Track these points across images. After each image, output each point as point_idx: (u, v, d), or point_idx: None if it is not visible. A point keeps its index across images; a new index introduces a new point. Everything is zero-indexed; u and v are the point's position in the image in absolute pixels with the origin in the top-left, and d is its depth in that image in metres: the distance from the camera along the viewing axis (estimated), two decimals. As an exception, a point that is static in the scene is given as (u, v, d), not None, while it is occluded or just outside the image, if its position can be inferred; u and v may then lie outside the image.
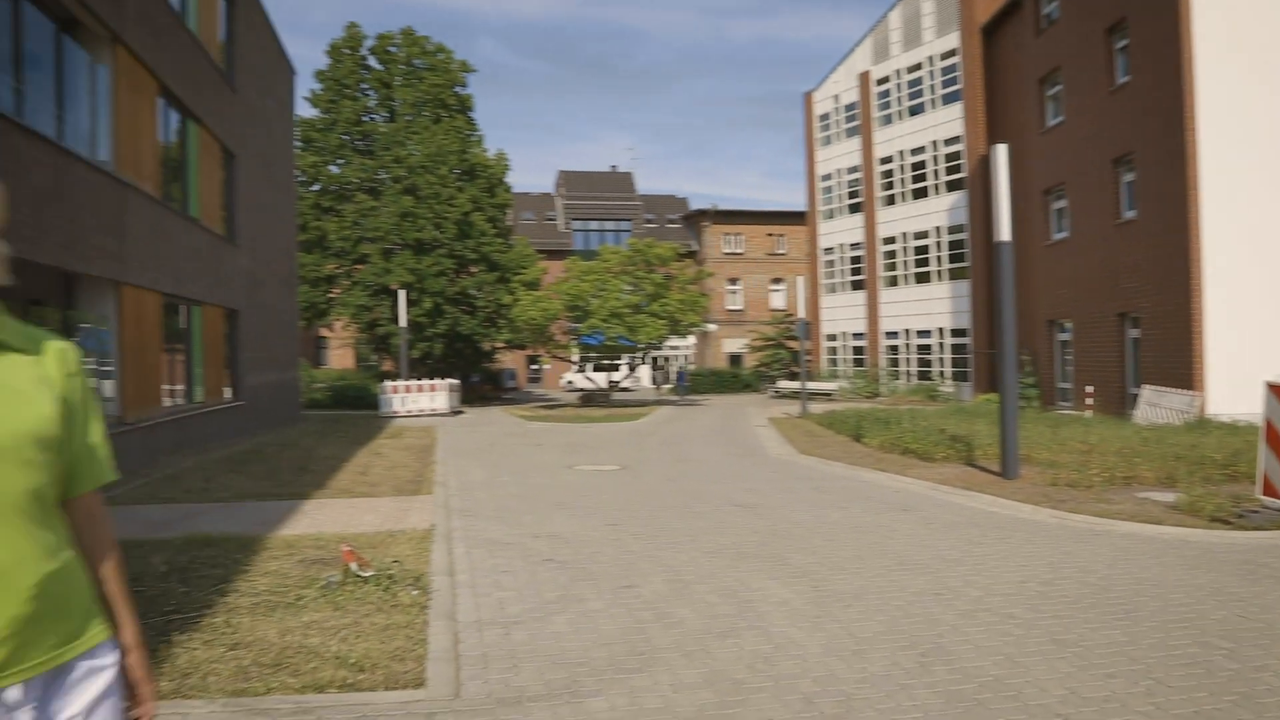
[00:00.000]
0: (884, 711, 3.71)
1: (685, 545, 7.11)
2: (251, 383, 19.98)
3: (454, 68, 35.83)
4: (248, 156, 19.78)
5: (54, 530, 1.55)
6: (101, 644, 1.60)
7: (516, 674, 4.21)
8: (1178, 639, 4.58)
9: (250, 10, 20.22)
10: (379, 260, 33.15)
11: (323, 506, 9.02)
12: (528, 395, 42.91)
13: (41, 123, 10.49)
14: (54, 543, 1.53)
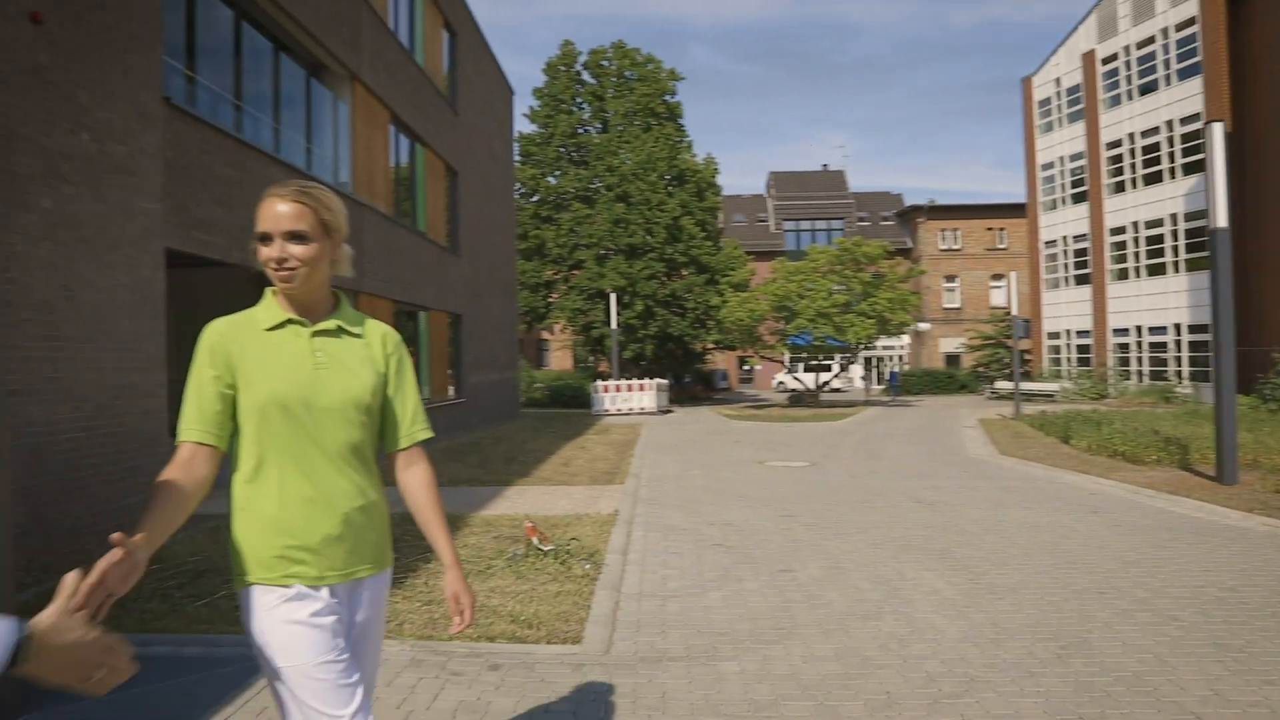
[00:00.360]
0: (1004, 695, 3.81)
1: (852, 536, 7.27)
2: (473, 381, 21.67)
3: (663, 77, 36.92)
4: (469, 173, 21.51)
5: (366, 476, 2.03)
6: (386, 571, 2.10)
7: (663, 638, 4.64)
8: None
9: (471, 40, 21.97)
10: (593, 265, 34.76)
11: (524, 492, 9.89)
12: (739, 396, 43.38)
13: (294, 155, 12.12)
14: (365, 486, 2.02)
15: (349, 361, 2.01)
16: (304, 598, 1.91)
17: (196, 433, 1.90)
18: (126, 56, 7.84)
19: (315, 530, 1.93)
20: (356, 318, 2.09)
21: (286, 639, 1.88)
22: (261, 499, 1.93)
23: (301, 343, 1.98)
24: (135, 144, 7.98)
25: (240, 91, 11.04)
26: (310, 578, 1.93)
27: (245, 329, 2.00)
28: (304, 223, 1.95)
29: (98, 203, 7.43)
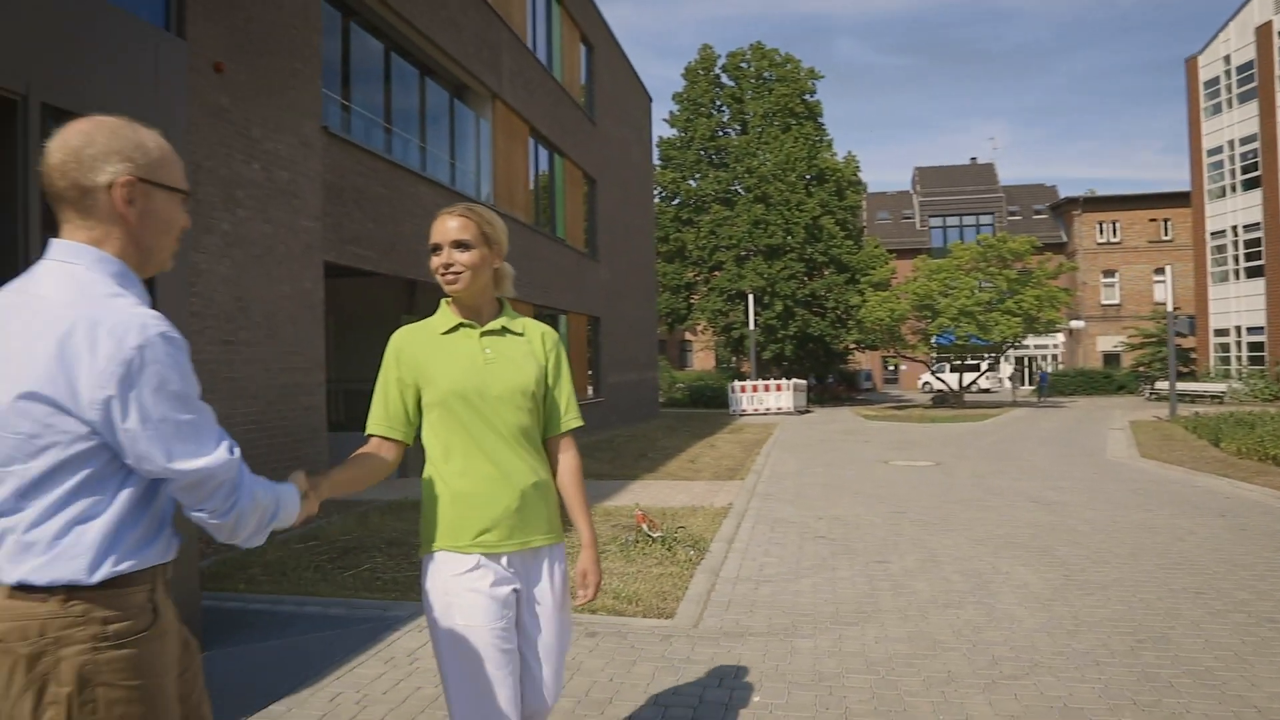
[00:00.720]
0: (1063, 679, 3.99)
1: (957, 533, 7.39)
2: (611, 381, 22.42)
3: (802, 76, 36.81)
4: (607, 180, 22.29)
5: (536, 457, 2.30)
6: (556, 544, 2.35)
7: (749, 617, 5.02)
8: None
9: (608, 52, 22.75)
10: (733, 267, 35.08)
11: (648, 486, 10.40)
12: (883, 396, 42.67)
13: (439, 172, 13.10)
14: (535, 465, 2.28)
15: (514, 356, 2.30)
16: (482, 567, 2.19)
17: (382, 427, 2.26)
18: (291, 93, 8.84)
19: (497, 503, 2.21)
20: (518, 320, 2.39)
21: (462, 602, 2.16)
22: (451, 478, 2.23)
23: (472, 343, 2.29)
24: (298, 170, 8.98)
25: (390, 115, 12.06)
26: (490, 545, 2.20)
27: (424, 335, 2.32)
28: (468, 233, 2.26)
29: (266, 223, 8.43)
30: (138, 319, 1.44)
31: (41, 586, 1.42)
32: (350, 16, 11.10)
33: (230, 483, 1.52)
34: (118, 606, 1.47)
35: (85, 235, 1.53)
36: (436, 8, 12.53)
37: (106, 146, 1.52)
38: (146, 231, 1.58)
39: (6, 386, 1.44)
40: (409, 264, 11.73)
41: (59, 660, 1.42)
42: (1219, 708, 3.64)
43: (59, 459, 1.43)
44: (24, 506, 1.44)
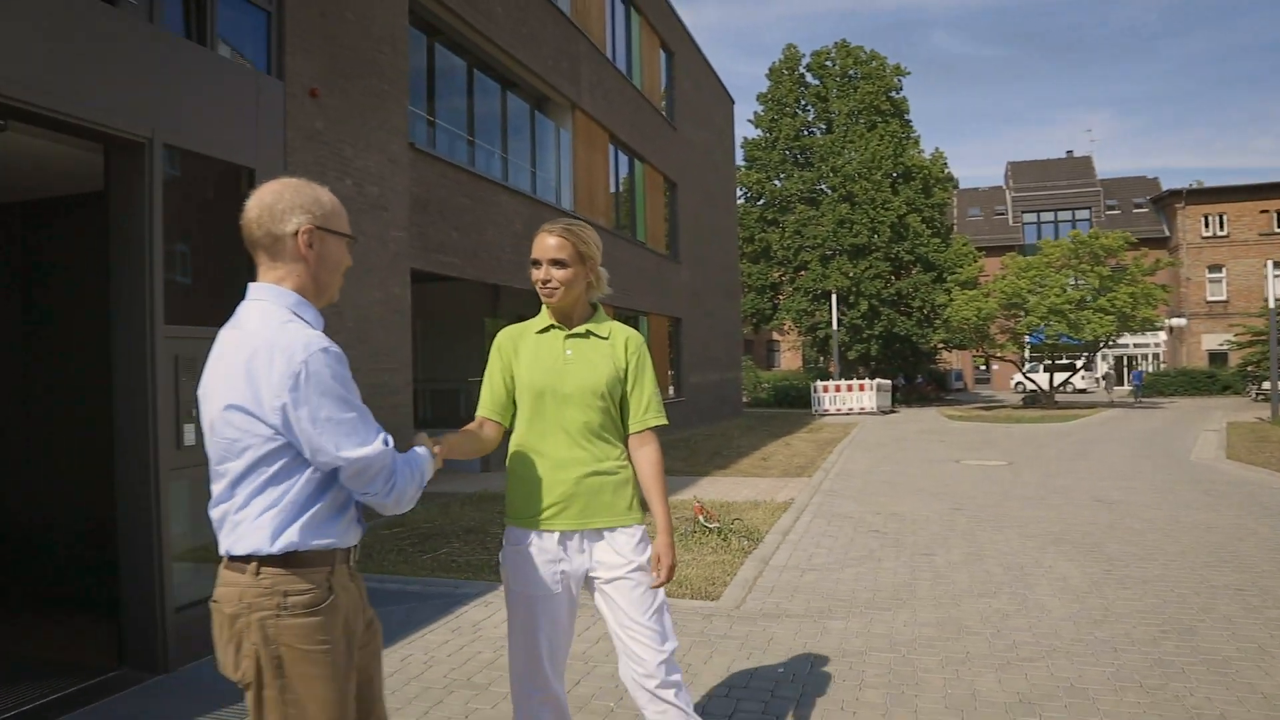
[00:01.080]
0: (1077, 662, 4.22)
1: (1009, 529, 7.56)
2: (693, 381, 22.81)
3: (888, 73, 36.49)
4: (689, 184, 22.67)
5: (600, 450, 2.51)
6: (625, 527, 2.52)
7: (790, 601, 5.37)
8: None
9: (688, 58, 23.13)
10: (817, 266, 35.03)
11: (716, 482, 10.78)
12: (973, 396, 41.89)
13: (520, 181, 13.72)
14: (597, 457, 2.50)
15: (592, 358, 2.53)
16: (537, 543, 2.49)
17: (486, 410, 2.59)
18: (380, 113, 9.52)
19: (554, 488, 2.49)
20: (605, 324, 2.61)
21: (520, 571, 2.50)
22: (523, 463, 2.53)
23: (557, 343, 2.55)
24: (387, 185, 9.66)
25: (472, 127, 12.73)
26: (546, 524, 2.49)
27: (522, 333, 2.61)
28: (564, 252, 2.51)
29: (358, 235, 9.12)
30: (303, 339, 1.78)
31: (240, 557, 1.79)
32: (435, 36, 11.79)
33: (388, 468, 1.86)
34: (299, 579, 1.80)
35: (273, 275, 1.91)
36: (517, 24, 13.15)
37: (292, 202, 1.90)
38: (321, 270, 1.94)
39: (217, 399, 1.83)
40: (491, 269, 12.37)
41: (250, 623, 1.78)
42: (1224, 693, 3.83)
43: (255, 456, 1.80)
44: (233, 495, 1.82)
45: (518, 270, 13.00)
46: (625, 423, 2.59)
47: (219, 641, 1.84)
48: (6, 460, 5.36)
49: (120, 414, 4.16)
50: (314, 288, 1.94)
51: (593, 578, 2.54)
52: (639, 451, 2.59)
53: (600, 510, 2.51)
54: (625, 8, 18.83)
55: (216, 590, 1.85)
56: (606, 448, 2.54)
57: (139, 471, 4.12)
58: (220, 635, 1.83)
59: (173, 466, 4.15)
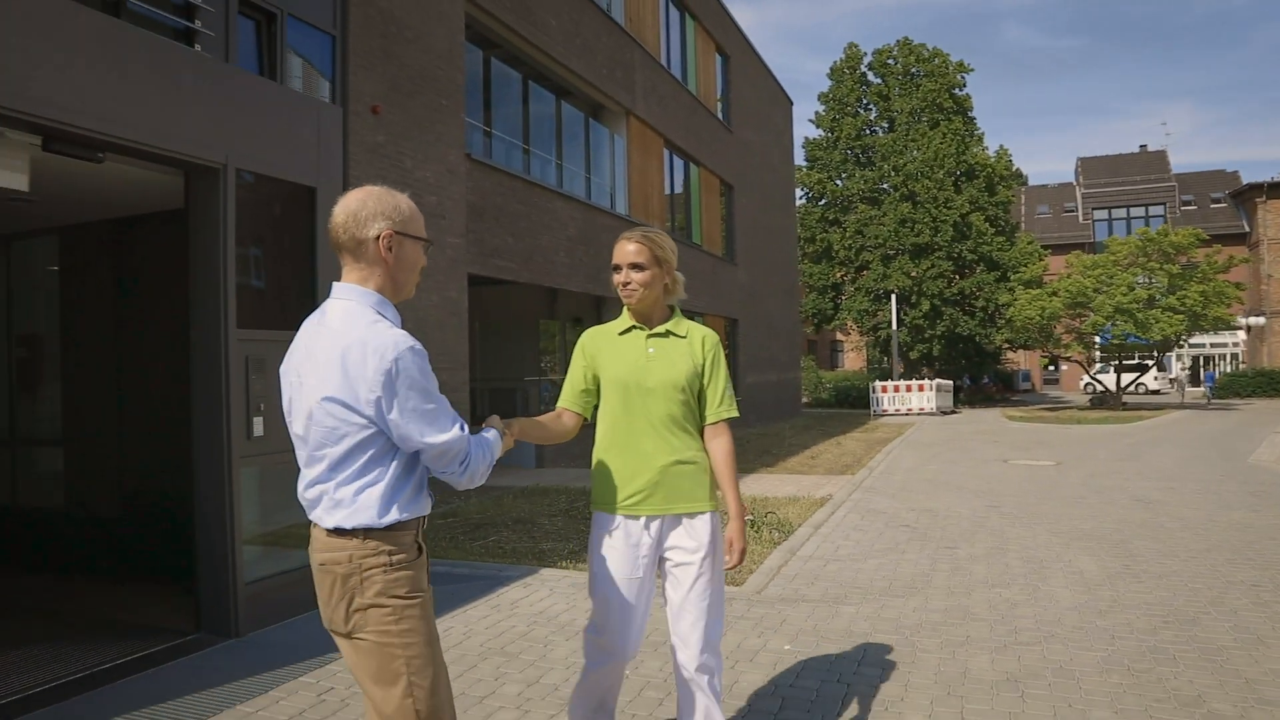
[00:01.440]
0: (1071, 647, 4.46)
1: (1039, 525, 7.72)
2: (750, 381, 23.03)
3: (950, 70, 36.17)
4: (745, 185, 22.93)
5: (681, 440, 2.71)
6: (702, 513, 2.71)
7: (809, 588, 5.69)
8: None
9: (744, 61, 23.38)
10: (879, 266, 34.91)
11: (761, 479, 11.08)
12: (1041, 397, 41.20)
13: (575, 187, 14.19)
14: (678, 448, 2.69)
15: (673, 356, 2.74)
16: (621, 526, 2.69)
17: (566, 402, 2.82)
18: (438, 126, 10.07)
19: (638, 476, 2.69)
20: (683, 324, 2.82)
21: (604, 553, 2.70)
22: (608, 451, 2.74)
23: (639, 342, 2.77)
24: (445, 194, 10.20)
25: (528, 136, 13.24)
26: (630, 509, 2.69)
27: (605, 334, 2.84)
28: (642, 257, 2.72)
29: (417, 242, 9.67)
30: (392, 339, 2.00)
31: (350, 529, 2.03)
32: (490, 50, 12.32)
33: (463, 451, 2.10)
34: (397, 544, 2.06)
35: (356, 276, 2.12)
36: (570, 36, 13.62)
37: (374, 209, 2.10)
38: (399, 271, 2.14)
39: (314, 393, 2.05)
40: (546, 273, 12.86)
41: (363, 579, 2.03)
42: (1208, 677, 4.03)
43: (352, 443, 2.03)
44: (333, 477, 2.05)
45: (572, 273, 13.47)
46: (701, 415, 2.79)
47: (329, 601, 2.09)
48: (101, 449, 5.97)
49: (197, 408, 4.69)
50: (392, 287, 2.15)
51: (665, 559, 2.73)
52: (713, 442, 2.78)
53: (680, 497, 2.70)
54: (680, 14, 19.20)
55: (321, 556, 2.09)
56: (687, 439, 2.74)
57: (214, 459, 4.65)
58: (331, 595, 2.08)
59: (243, 455, 4.66)
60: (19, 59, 3.65)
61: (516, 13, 12.14)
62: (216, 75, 4.78)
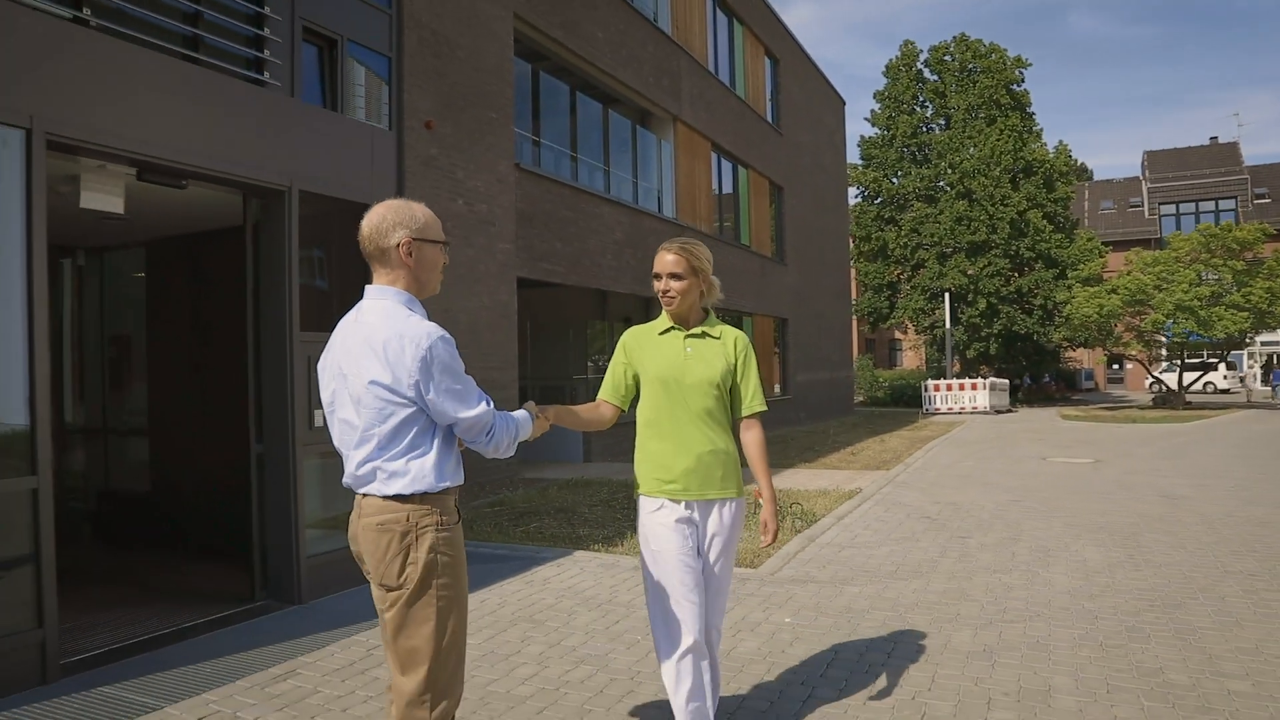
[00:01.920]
0: (1052, 625, 4.81)
1: (1057, 518, 8.00)
2: (800, 380, 23.33)
3: (1008, 66, 35.84)
4: (795, 186, 23.21)
5: (717, 431, 3.00)
6: (730, 499, 3.03)
7: (820, 571, 6.11)
8: None
9: (794, 63, 23.66)
10: (934, 265, 34.80)
11: (798, 473, 11.47)
12: (1104, 396, 40.53)
13: (622, 192, 14.72)
14: (713, 438, 2.98)
15: (708, 355, 3.05)
16: (666, 507, 2.98)
17: (606, 394, 3.15)
18: (488, 139, 10.67)
19: (678, 463, 2.98)
20: (717, 326, 3.12)
21: (653, 533, 2.99)
22: (650, 441, 3.04)
23: (678, 342, 3.07)
24: (495, 203, 10.81)
25: (575, 144, 13.80)
26: (673, 493, 2.98)
27: (646, 334, 3.13)
28: (680, 267, 3.00)
29: (468, 248, 10.29)
30: (425, 330, 2.34)
31: (409, 495, 2.37)
32: (539, 63, 12.91)
33: (489, 424, 2.46)
34: (444, 508, 2.42)
35: (385, 279, 2.45)
36: (616, 46, 14.15)
37: (394, 220, 2.43)
38: (421, 271, 2.47)
39: (359, 379, 2.36)
40: (593, 276, 13.40)
41: (418, 536, 2.37)
42: (1174, 654, 4.33)
43: (398, 421, 2.36)
44: (384, 454, 2.38)
45: (619, 275, 14.00)
46: (735, 409, 3.10)
47: (384, 559, 2.38)
48: (179, 438, 6.67)
49: (266, 402, 5.32)
50: (417, 286, 2.48)
51: (700, 540, 3.04)
52: (747, 434, 3.12)
53: (714, 484, 3.01)
54: (728, 20, 19.59)
55: (381, 519, 2.38)
56: (721, 429, 3.03)
57: (280, 448, 5.27)
58: (387, 552, 2.38)
59: (305, 443, 5.28)
60: (120, 106, 4.29)
61: (564, 28, 12.70)
62: (281, 109, 5.41)
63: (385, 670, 4.15)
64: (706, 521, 3.04)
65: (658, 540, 2.97)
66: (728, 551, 3.08)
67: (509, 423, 2.58)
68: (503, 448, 2.54)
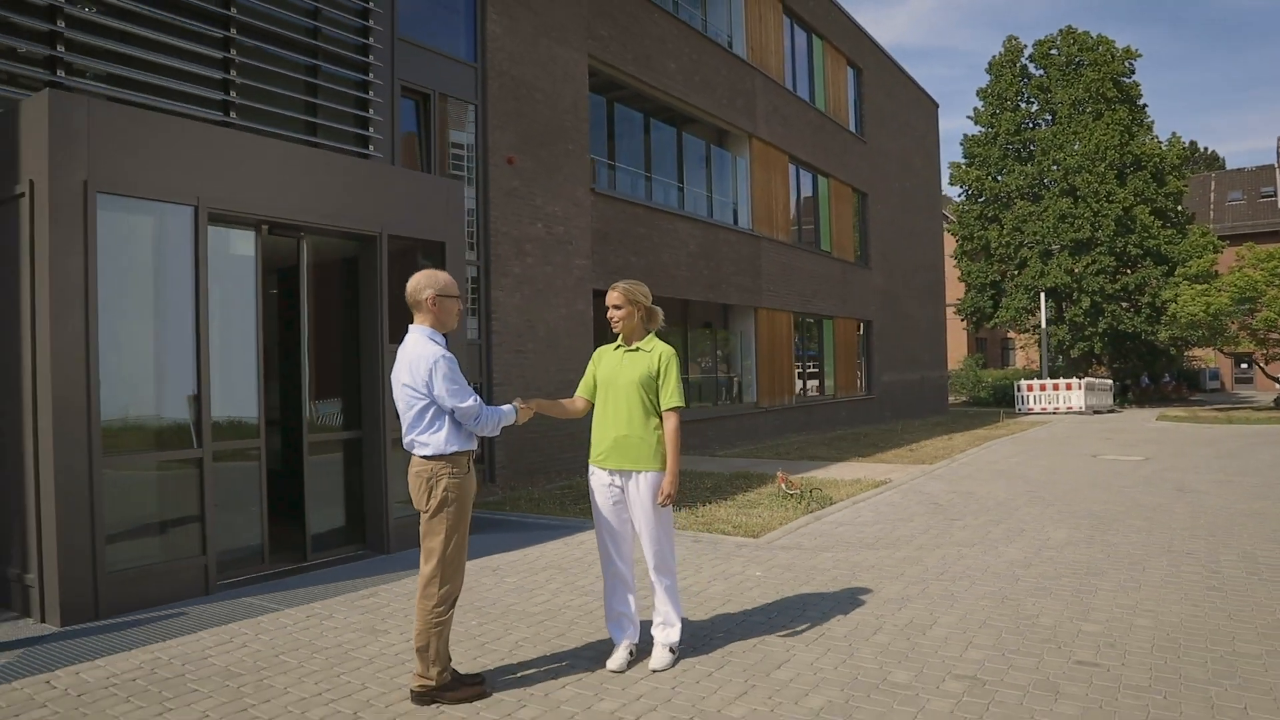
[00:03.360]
0: (973, 583, 5.87)
1: (1054, 507, 8.86)
2: (885, 380, 24.05)
3: (1116, 58, 35.24)
4: (881, 191, 23.94)
5: (640, 419, 4.19)
6: (649, 471, 4.19)
7: (808, 541, 7.30)
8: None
9: (880, 71, 24.36)
10: (1037, 263, 34.59)
11: (845, 466, 12.53)
12: (1229, 396, 39.28)
13: (697, 208, 16.03)
14: (636, 424, 4.17)
15: (637, 363, 4.28)
16: (598, 474, 4.30)
17: (581, 391, 4.45)
18: (565, 168, 12.18)
19: (606, 441, 4.27)
20: (650, 343, 4.33)
21: (593, 492, 4.32)
22: (596, 426, 4.33)
23: (620, 355, 4.36)
24: (572, 225, 12.31)
25: (649, 165, 15.18)
26: (602, 463, 4.28)
27: (605, 350, 4.45)
28: (619, 300, 4.31)
29: (547, 266, 11.82)
30: (435, 351, 3.74)
31: (431, 456, 3.79)
32: (613, 94, 14.35)
33: (476, 413, 3.82)
34: (455, 464, 3.82)
35: (420, 319, 3.88)
36: (689, 74, 15.45)
37: (425, 283, 3.86)
38: (442, 315, 3.89)
39: (400, 382, 3.80)
40: (667, 286, 14.75)
41: (439, 481, 3.78)
42: (1060, 606, 5.33)
43: (419, 408, 3.78)
44: (415, 429, 3.80)
45: (692, 285, 15.32)
46: (657, 404, 4.29)
47: (420, 493, 3.82)
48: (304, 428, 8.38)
49: (364, 400, 6.91)
50: (439, 324, 3.92)
51: (627, 500, 4.28)
52: (666, 424, 4.28)
53: (631, 458, 4.24)
54: (806, 35, 20.58)
55: (417, 468, 3.83)
56: (644, 418, 4.24)
57: (375, 438, 6.86)
58: (421, 489, 3.82)
59: (394, 436, 6.84)
60: (257, 183, 5.94)
61: (637, 63, 14.10)
62: (377, 174, 7.03)
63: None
64: (627, 486, 4.27)
65: (596, 496, 4.34)
66: (646, 509, 4.20)
67: (495, 414, 4.01)
68: (488, 429, 3.95)
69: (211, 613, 5.28)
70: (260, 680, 4.16)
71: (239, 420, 6.12)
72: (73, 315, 5.01)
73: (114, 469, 5.27)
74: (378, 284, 6.87)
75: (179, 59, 6.95)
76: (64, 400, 4.97)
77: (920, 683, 4.06)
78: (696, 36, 15.77)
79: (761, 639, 4.72)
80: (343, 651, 4.59)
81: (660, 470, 4.27)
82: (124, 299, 5.40)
